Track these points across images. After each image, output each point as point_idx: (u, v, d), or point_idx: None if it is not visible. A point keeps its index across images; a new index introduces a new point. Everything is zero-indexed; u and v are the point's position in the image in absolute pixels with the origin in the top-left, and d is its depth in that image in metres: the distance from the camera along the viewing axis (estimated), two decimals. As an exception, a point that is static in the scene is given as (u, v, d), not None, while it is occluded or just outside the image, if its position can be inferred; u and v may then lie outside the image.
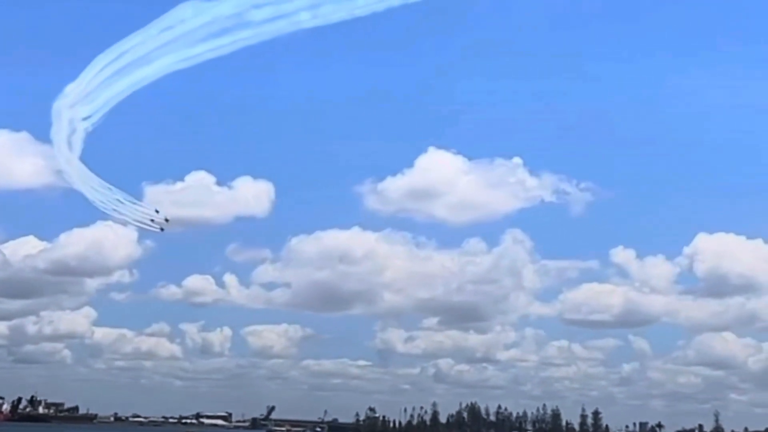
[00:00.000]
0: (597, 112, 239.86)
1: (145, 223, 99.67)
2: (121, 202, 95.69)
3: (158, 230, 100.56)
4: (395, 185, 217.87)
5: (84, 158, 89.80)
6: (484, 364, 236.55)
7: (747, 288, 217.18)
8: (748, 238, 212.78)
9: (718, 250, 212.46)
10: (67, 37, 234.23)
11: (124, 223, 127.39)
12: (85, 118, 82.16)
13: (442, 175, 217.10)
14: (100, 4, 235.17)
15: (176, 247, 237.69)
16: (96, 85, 77.08)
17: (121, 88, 76.75)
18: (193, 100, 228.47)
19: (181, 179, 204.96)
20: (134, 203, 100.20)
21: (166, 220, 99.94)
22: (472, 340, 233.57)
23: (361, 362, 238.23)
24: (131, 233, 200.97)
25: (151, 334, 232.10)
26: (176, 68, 72.87)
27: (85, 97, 79.36)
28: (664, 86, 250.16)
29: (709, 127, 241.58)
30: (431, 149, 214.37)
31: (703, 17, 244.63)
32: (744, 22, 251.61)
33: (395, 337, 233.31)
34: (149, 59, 72.51)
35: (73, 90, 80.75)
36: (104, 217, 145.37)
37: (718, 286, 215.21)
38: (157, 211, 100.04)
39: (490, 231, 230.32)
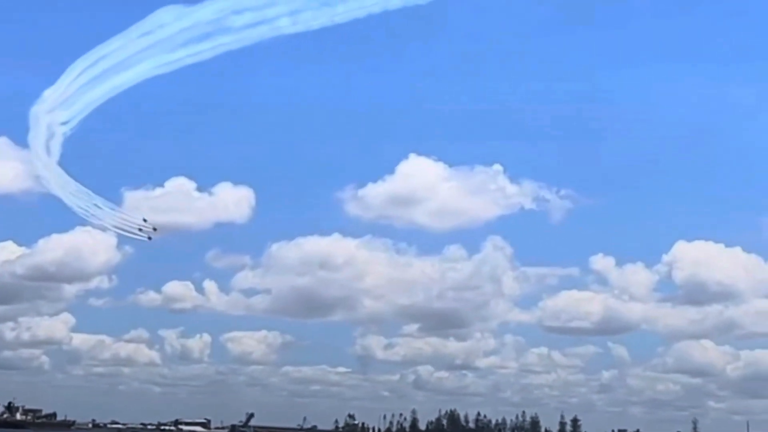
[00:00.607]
0: (577, 119, 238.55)
1: (133, 233, 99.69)
2: (100, 208, 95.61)
3: (146, 239, 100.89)
4: (376, 192, 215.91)
5: (62, 163, 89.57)
6: (464, 371, 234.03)
7: (725, 296, 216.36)
8: (727, 246, 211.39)
9: (697, 258, 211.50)
10: (45, 42, 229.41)
11: (104, 229, 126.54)
12: (63, 123, 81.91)
13: (423, 182, 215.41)
14: (79, 8, 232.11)
15: (156, 253, 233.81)
16: (74, 89, 76.87)
17: (100, 93, 76.70)
18: (172, 105, 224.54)
19: (161, 185, 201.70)
20: (117, 211, 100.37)
21: (154, 229, 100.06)
22: (452, 346, 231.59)
23: (341, 369, 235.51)
24: (110, 239, 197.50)
25: (130, 341, 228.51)
26: (156, 73, 72.97)
27: (63, 102, 79.09)
28: (645, 94, 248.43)
29: (690, 136, 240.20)
30: (412, 156, 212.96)
31: (688, 25, 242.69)
32: (731, 28, 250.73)
33: (375, 343, 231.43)
34: (128, 64, 72.48)
35: (51, 95, 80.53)
36: (83, 222, 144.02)
37: (697, 294, 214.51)
38: (145, 220, 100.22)
39: (470, 238, 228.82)
